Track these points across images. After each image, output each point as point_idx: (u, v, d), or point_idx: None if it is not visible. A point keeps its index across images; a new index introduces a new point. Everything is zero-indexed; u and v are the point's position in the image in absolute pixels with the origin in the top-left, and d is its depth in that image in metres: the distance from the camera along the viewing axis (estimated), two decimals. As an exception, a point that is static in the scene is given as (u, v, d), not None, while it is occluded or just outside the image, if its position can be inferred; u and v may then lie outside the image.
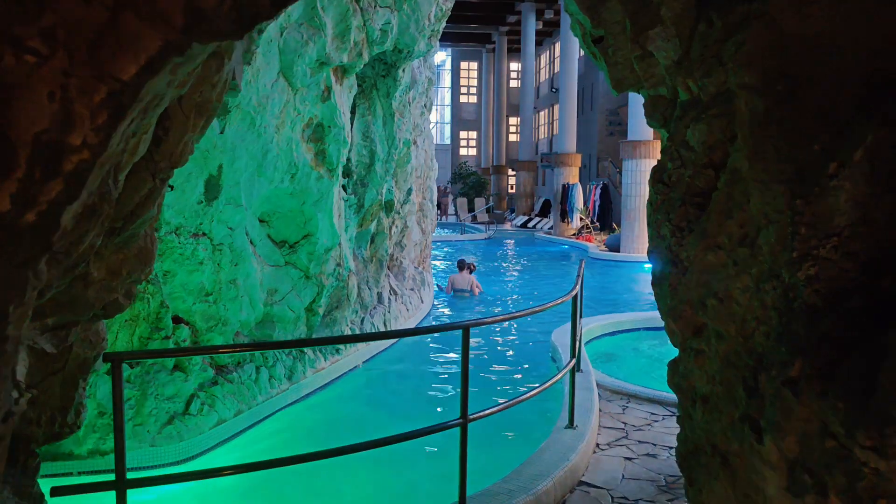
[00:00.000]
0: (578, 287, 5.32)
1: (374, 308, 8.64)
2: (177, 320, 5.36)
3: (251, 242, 6.04)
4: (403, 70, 7.07)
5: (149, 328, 5.07)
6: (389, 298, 9.17)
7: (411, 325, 9.87)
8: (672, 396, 6.67)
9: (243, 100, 5.22)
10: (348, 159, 7.12)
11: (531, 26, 34.76)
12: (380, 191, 7.57)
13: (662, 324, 8.76)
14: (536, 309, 4.51)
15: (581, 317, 6.01)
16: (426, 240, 11.78)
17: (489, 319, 3.96)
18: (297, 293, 6.53)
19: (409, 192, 9.37)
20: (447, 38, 43.11)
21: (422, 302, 10.77)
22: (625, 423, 6.10)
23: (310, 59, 5.64)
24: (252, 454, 5.58)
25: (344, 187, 7.20)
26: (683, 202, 2.65)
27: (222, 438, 5.48)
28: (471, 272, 12.58)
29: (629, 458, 5.32)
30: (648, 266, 11.81)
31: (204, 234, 5.36)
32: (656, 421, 6.18)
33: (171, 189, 5.05)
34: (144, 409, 5.03)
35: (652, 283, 2.89)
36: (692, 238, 2.54)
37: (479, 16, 38.52)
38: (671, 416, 6.29)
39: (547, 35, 40.45)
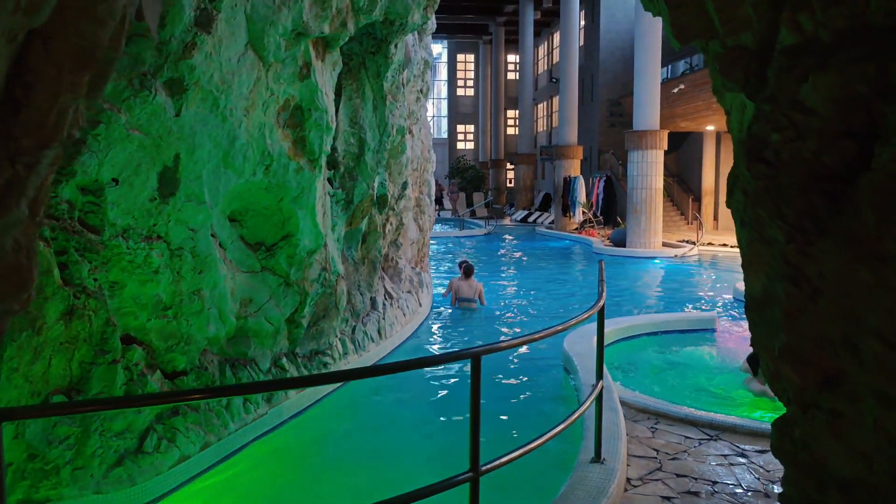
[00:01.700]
0: (604, 297, 4.47)
1: (367, 315, 7.79)
2: (128, 340, 4.50)
3: (220, 245, 5.19)
4: (396, 46, 6.19)
5: (91, 351, 4.21)
6: (384, 303, 8.32)
7: (409, 330, 9.02)
8: (708, 416, 5.83)
9: (203, 76, 4.35)
10: (334, 148, 6.25)
11: (529, 15, 33.89)
12: (370, 184, 6.71)
13: (683, 327, 7.90)
14: (558, 328, 3.66)
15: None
16: (424, 238, 10.92)
17: (504, 344, 3.12)
18: (276, 303, 5.67)
19: (405, 186, 8.51)
20: (443, 30, 42.21)
21: (420, 305, 9.92)
22: (657, 451, 5.26)
23: (284, 28, 4.78)
24: (222, 500, 4.74)
25: (329, 181, 6.33)
26: (805, 190, 1.79)
27: (185, 479, 4.63)
28: (468, 276, 11.11)
29: (667, 498, 4.48)
30: (658, 261, 10.89)
31: (159, 237, 4.50)
32: (692, 447, 5.35)
33: (116, 184, 4.19)
34: (87, 448, 4.17)
35: (747, 308, 2.02)
36: (827, 244, 1.69)
37: (476, 6, 37.59)
38: (708, 440, 5.46)
39: (545, 25, 39.52)
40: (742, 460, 5.06)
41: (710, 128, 25.56)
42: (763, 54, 2.26)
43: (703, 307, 11.48)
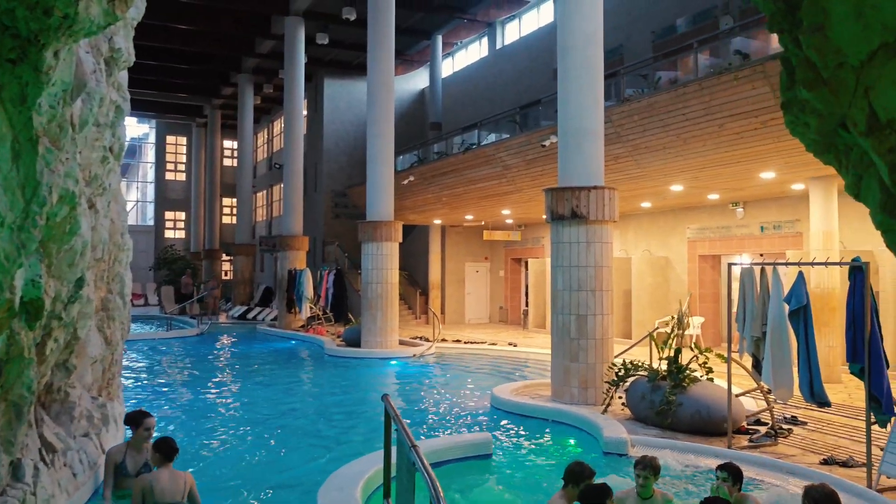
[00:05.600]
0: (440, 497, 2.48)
1: (2, 494, 4.78)
2: None
3: None
4: (57, 56, 3.71)
5: None
6: (38, 466, 5.32)
7: (82, 499, 6.02)
8: None
9: None
10: (-74, 220, 3.50)
11: (249, 99, 32.01)
12: (8, 283, 4.00)
13: (457, 455, 5.90)
14: None
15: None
16: (113, 353, 7.93)
17: None
18: None
19: (81, 283, 5.74)
20: (151, 108, 38.34)
21: (102, 453, 6.91)
22: None
23: None
24: None
25: (-84, 277, 3.52)
26: None
27: None
28: (168, 460, 5.60)
29: None
30: (394, 362, 8.73)
31: None
32: None
33: None
34: None
35: None
36: None
37: (190, 84, 34.61)
38: None
39: (265, 112, 37.89)
40: None
41: (437, 221, 25.53)
42: None
43: (467, 421, 9.96)
